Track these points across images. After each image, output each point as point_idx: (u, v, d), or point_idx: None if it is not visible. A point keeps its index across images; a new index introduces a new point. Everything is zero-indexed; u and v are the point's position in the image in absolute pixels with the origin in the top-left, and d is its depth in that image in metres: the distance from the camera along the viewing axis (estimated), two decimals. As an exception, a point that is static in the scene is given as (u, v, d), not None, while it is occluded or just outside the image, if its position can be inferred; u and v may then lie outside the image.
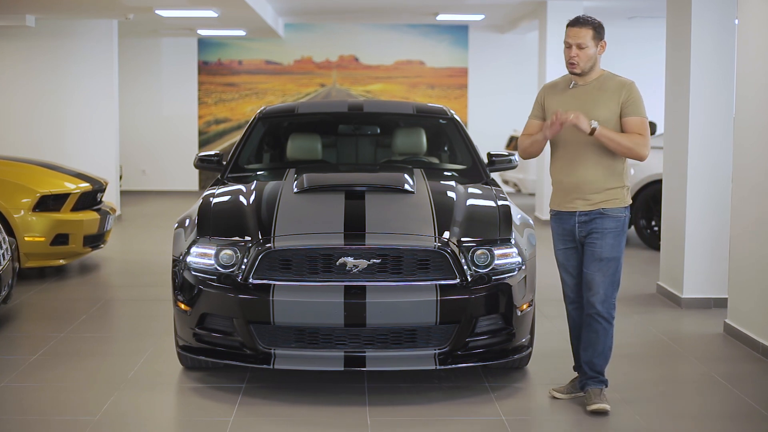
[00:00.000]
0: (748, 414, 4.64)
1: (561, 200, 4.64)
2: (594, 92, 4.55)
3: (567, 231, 4.64)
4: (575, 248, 4.65)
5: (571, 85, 4.63)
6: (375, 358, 4.64)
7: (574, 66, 4.52)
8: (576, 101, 4.55)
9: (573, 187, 4.56)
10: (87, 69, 12.22)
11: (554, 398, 4.76)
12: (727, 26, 6.81)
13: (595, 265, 4.53)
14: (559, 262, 4.74)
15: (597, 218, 4.53)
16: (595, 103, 4.51)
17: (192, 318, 4.82)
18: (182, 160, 15.87)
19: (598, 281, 4.53)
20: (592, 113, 4.48)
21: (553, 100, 4.66)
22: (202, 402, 4.75)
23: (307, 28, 16.07)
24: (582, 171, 4.53)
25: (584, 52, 4.50)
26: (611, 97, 4.51)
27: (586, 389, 4.63)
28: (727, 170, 6.79)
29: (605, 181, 4.52)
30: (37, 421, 4.47)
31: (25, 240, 7.72)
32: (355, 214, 4.90)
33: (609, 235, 4.53)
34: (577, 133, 4.50)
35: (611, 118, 4.50)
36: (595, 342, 4.58)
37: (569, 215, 4.61)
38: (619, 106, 4.50)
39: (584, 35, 4.48)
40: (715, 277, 6.93)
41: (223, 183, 5.74)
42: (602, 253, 4.52)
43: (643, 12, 13.51)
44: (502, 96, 16.11)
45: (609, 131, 4.45)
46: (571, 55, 4.50)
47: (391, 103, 7.51)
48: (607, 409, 4.53)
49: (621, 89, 4.52)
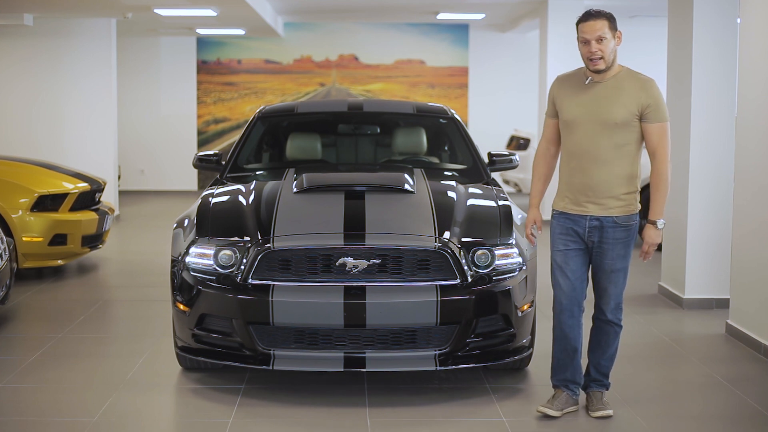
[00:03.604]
0: (750, 415, 4.61)
1: (570, 202, 4.41)
2: (611, 91, 4.29)
3: (573, 232, 4.41)
4: (578, 250, 4.43)
5: (586, 80, 4.35)
6: (375, 359, 4.62)
7: (598, 62, 4.24)
8: (592, 100, 4.31)
9: (586, 189, 4.34)
10: (85, 68, 12.20)
11: (545, 415, 4.46)
12: (728, 25, 6.79)
13: (606, 276, 4.42)
14: (557, 264, 4.48)
15: (609, 227, 4.35)
16: (613, 102, 4.28)
17: (191, 319, 4.79)
18: (181, 160, 15.85)
19: (611, 292, 4.43)
20: (609, 113, 4.26)
21: (566, 97, 4.39)
22: (201, 403, 4.72)
23: (307, 27, 16.04)
24: (597, 174, 4.30)
25: (605, 44, 4.22)
26: (630, 98, 4.26)
27: (588, 391, 4.58)
28: (728, 170, 6.76)
29: (620, 186, 4.31)
30: (35, 423, 4.45)
31: (23, 240, 7.70)
32: (355, 214, 4.87)
33: (620, 245, 4.37)
34: (593, 133, 4.29)
35: (629, 119, 4.27)
36: (605, 344, 4.50)
37: (579, 217, 4.39)
38: (639, 108, 4.26)
39: (601, 26, 4.23)
40: (716, 277, 6.91)
41: (222, 183, 5.71)
42: (614, 264, 4.39)
43: (644, 11, 13.49)
44: (503, 95, 16.09)
45: (658, 206, 4.32)
46: (592, 51, 4.22)
47: (391, 103, 7.49)
48: (610, 415, 4.49)
49: (641, 90, 4.26)
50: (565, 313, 4.47)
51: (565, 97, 4.41)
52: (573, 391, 4.52)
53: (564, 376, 4.52)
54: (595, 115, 4.29)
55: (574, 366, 4.50)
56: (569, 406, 4.51)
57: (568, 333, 4.47)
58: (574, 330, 4.47)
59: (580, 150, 4.34)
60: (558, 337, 4.52)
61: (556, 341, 4.53)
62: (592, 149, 4.31)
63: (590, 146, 4.31)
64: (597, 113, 4.29)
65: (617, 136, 4.28)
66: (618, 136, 4.28)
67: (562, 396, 4.50)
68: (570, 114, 4.37)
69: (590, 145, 4.31)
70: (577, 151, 4.36)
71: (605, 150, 4.29)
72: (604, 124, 4.28)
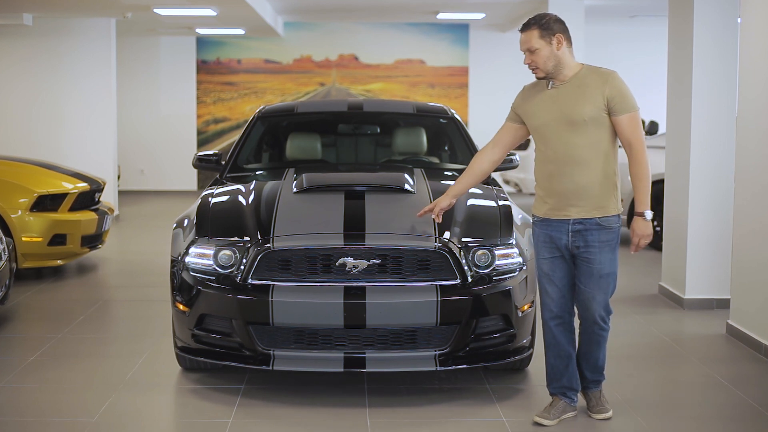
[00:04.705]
0: (751, 415, 4.61)
1: (550, 207, 4.32)
2: (574, 90, 4.24)
3: (555, 239, 4.32)
4: (562, 257, 4.34)
5: (549, 86, 4.33)
6: (375, 359, 4.61)
7: (535, 71, 4.27)
8: (556, 103, 4.28)
9: (565, 193, 4.25)
10: (85, 68, 12.19)
11: (540, 425, 4.40)
12: (729, 25, 6.78)
13: (594, 282, 4.30)
14: (543, 272, 4.39)
15: (593, 230, 4.26)
16: (577, 101, 4.23)
17: (190, 319, 4.78)
18: (181, 160, 15.85)
19: (600, 299, 4.32)
20: (576, 112, 4.21)
21: (531, 103, 4.39)
22: (201, 403, 4.71)
23: (307, 26, 16.04)
24: (575, 176, 4.22)
25: (537, 54, 4.24)
26: (594, 93, 4.19)
27: (587, 392, 4.53)
28: (729, 170, 6.75)
29: (599, 186, 4.24)
30: (35, 423, 4.44)
31: (22, 240, 7.69)
32: (355, 214, 4.87)
33: (606, 249, 4.26)
34: (565, 135, 4.24)
35: (597, 114, 4.22)
36: (596, 350, 4.43)
37: (560, 223, 4.29)
38: (605, 101, 4.21)
39: (529, 38, 4.25)
40: (717, 277, 6.90)
41: (221, 183, 5.71)
42: (602, 269, 4.28)
43: (644, 10, 13.49)
44: (503, 95, 15.99)
45: (643, 196, 4.24)
46: (527, 63, 4.28)
47: (391, 103, 7.49)
48: (611, 415, 4.47)
49: (604, 84, 4.19)
50: (556, 319, 4.42)
51: (530, 105, 4.39)
52: (571, 398, 4.47)
53: (560, 383, 4.47)
54: (562, 116, 4.26)
55: (569, 372, 4.45)
56: (567, 413, 4.46)
57: (560, 339, 4.42)
58: (566, 336, 4.42)
59: (556, 154, 4.28)
60: (550, 344, 4.46)
61: (548, 349, 4.48)
62: (567, 151, 4.25)
63: (564, 149, 4.26)
64: (564, 114, 4.25)
65: (589, 135, 4.23)
66: (590, 134, 4.23)
67: (559, 404, 4.45)
68: (538, 119, 4.34)
69: (564, 148, 4.26)
70: (552, 156, 4.30)
71: (580, 150, 4.23)
72: (573, 124, 4.23)
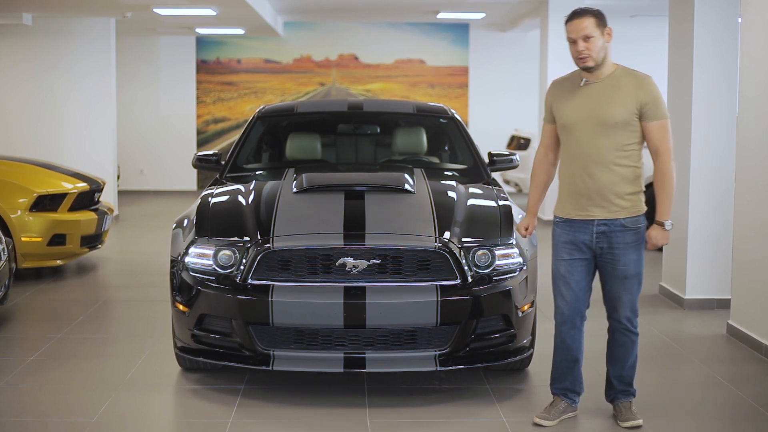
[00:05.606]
0: (751, 415, 4.60)
1: (574, 207, 4.28)
2: (608, 90, 4.20)
3: (578, 241, 4.27)
4: (583, 260, 4.30)
5: (582, 82, 4.27)
6: (375, 360, 4.60)
7: (586, 60, 4.16)
8: (588, 101, 4.23)
9: (590, 193, 4.22)
10: (84, 68, 12.18)
11: (540, 426, 4.39)
12: (729, 25, 6.77)
13: (620, 283, 4.27)
14: (559, 274, 4.35)
15: (618, 232, 4.23)
16: (610, 102, 4.19)
17: (190, 319, 4.78)
18: (180, 160, 15.84)
19: (626, 300, 4.29)
20: (607, 113, 4.18)
21: (563, 101, 4.30)
22: (201, 404, 4.71)
23: (307, 26, 16.03)
24: (600, 175, 4.19)
25: (592, 42, 4.14)
26: (628, 96, 4.16)
27: (615, 403, 4.45)
28: (730, 170, 6.74)
29: (625, 186, 4.19)
30: (34, 423, 4.43)
31: (21, 240, 7.68)
32: (355, 214, 4.86)
33: (630, 250, 4.23)
34: (594, 135, 4.20)
35: (628, 118, 4.17)
36: (624, 356, 4.38)
37: (584, 224, 4.25)
38: (638, 105, 4.17)
39: (587, 25, 4.15)
40: (718, 277, 6.90)
41: (221, 183, 5.70)
42: (627, 270, 4.25)
43: (645, 10, 13.47)
44: (503, 95, 16.08)
45: (665, 206, 4.21)
46: (580, 50, 4.15)
47: (391, 102, 7.49)
48: (641, 425, 4.37)
49: (638, 88, 4.16)
50: (567, 324, 4.39)
51: (561, 101, 4.32)
52: (572, 400, 4.46)
53: (563, 384, 4.46)
54: (593, 116, 4.21)
55: (574, 375, 4.44)
56: (567, 414, 4.45)
57: (570, 344, 4.40)
58: (575, 340, 4.40)
59: (581, 153, 4.25)
60: (559, 347, 4.45)
61: (556, 350, 4.47)
62: (593, 151, 4.21)
63: (591, 149, 4.22)
64: (595, 114, 4.21)
65: (618, 137, 4.20)
66: (619, 136, 4.20)
67: (560, 404, 4.44)
68: (568, 117, 4.29)
69: (591, 148, 4.22)
70: (578, 155, 4.26)
71: (607, 151, 4.20)
72: (604, 125, 4.19)
